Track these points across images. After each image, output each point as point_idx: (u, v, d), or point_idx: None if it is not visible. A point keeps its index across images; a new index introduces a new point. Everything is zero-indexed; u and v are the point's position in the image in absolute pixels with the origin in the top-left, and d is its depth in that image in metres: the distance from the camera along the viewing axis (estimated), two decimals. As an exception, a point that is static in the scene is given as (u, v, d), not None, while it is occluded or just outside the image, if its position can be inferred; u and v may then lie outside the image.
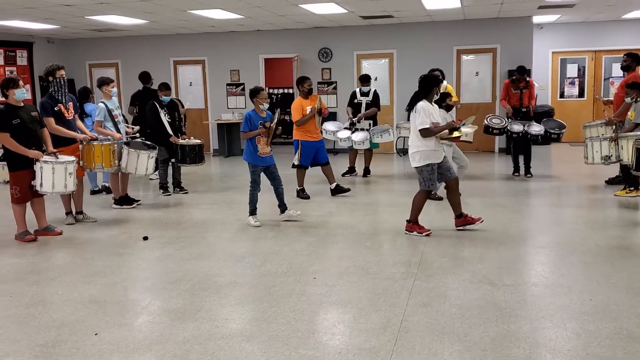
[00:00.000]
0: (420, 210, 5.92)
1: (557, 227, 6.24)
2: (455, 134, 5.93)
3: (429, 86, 5.75)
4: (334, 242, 5.80)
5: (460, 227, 6.00)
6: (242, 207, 6.68)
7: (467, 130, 6.26)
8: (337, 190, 8.07)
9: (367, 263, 5.03)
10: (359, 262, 5.07)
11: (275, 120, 6.38)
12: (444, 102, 6.95)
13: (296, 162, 8.01)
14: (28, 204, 6.15)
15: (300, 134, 7.94)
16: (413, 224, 5.91)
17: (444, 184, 6.11)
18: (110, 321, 3.89)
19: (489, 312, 3.85)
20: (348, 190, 8.10)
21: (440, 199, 7.34)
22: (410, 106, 5.79)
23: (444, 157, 5.86)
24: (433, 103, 5.85)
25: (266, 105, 6.48)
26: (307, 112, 7.87)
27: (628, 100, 7.56)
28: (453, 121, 6.09)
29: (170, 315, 3.98)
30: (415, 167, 5.83)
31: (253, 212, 6.55)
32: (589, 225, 6.27)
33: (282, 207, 6.70)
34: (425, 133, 5.62)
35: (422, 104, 5.68)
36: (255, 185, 6.50)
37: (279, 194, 6.65)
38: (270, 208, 7.02)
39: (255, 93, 6.45)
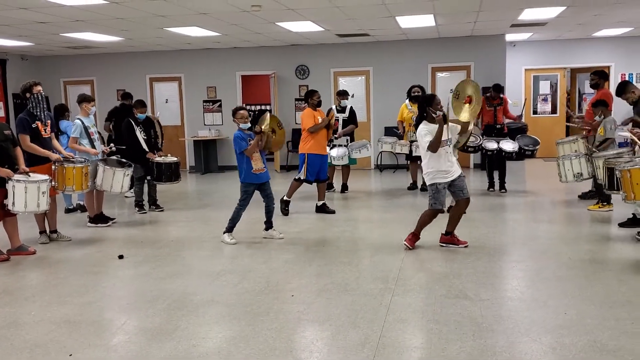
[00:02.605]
0: (424, 226, 5.99)
1: (532, 241, 6.32)
2: (453, 122, 5.79)
3: (422, 108, 5.88)
4: (312, 258, 5.79)
5: (443, 244, 6.04)
6: (219, 224, 6.65)
7: (449, 103, 6.05)
8: (322, 209, 8.06)
9: (345, 280, 5.03)
10: (337, 278, 5.07)
11: (267, 123, 6.26)
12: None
13: (302, 177, 7.93)
14: (0, 223, 6.04)
15: (309, 147, 7.87)
16: (413, 236, 5.98)
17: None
18: (85, 341, 3.83)
19: (465, 327, 3.88)
20: (333, 212, 8.05)
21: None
22: (417, 129, 5.91)
23: (459, 176, 5.89)
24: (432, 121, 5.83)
25: (245, 125, 6.33)
26: (320, 121, 7.88)
27: (597, 118, 7.75)
28: (437, 117, 5.71)
29: (146, 335, 3.93)
30: (427, 185, 5.95)
31: (230, 229, 6.51)
32: (563, 239, 6.36)
33: (268, 225, 6.65)
34: (432, 147, 5.66)
35: (422, 127, 5.79)
36: (243, 204, 6.42)
37: (269, 212, 6.59)
38: (248, 226, 7.00)
39: (233, 113, 6.39)
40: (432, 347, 3.58)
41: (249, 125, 6.39)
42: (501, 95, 9.51)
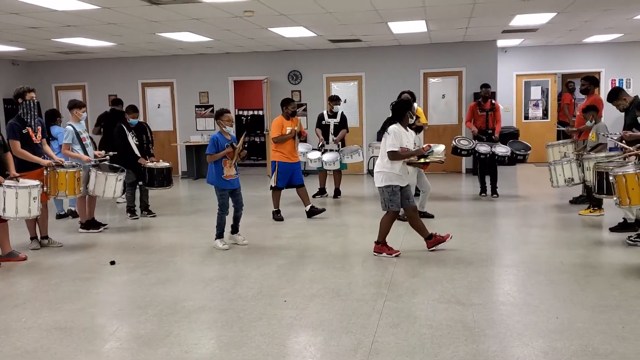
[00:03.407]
0: (388, 231, 5.96)
1: (523, 246, 6.35)
2: (424, 159, 6.03)
3: (402, 110, 5.85)
4: (305, 264, 5.79)
5: (432, 248, 6.06)
6: (211, 230, 6.64)
7: (439, 150, 6.36)
8: (312, 212, 8.09)
9: (338, 285, 5.03)
10: (330, 284, 5.07)
11: (242, 142, 6.34)
12: (413, 124, 7.01)
13: (273, 184, 8.01)
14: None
15: (277, 155, 7.98)
16: (382, 246, 5.95)
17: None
18: (77, 348, 3.80)
19: (458, 332, 3.88)
20: (323, 210, 8.13)
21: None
22: (383, 129, 5.86)
23: (407, 185, 5.93)
24: (407, 128, 5.93)
25: (229, 128, 6.38)
26: (287, 132, 7.92)
27: (588, 124, 7.80)
28: (422, 148, 6.19)
29: (138, 341, 3.91)
30: (378, 187, 5.91)
31: (220, 235, 6.50)
32: (555, 244, 6.39)
33: (234, 229, 6.66)
34: (393, 156, 5.68)
35: (394, 127, 5.77)
36: (224, 209, 6.44)
37: (237, 217, 6.61)
38: (241, 231, 6.98)
39: (219, 115, 6.39)
40: (425, 352, 3.59)
41: (232, 129, 6.42)
42: (493, 102, 9.55)
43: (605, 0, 8.43)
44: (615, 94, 7.40)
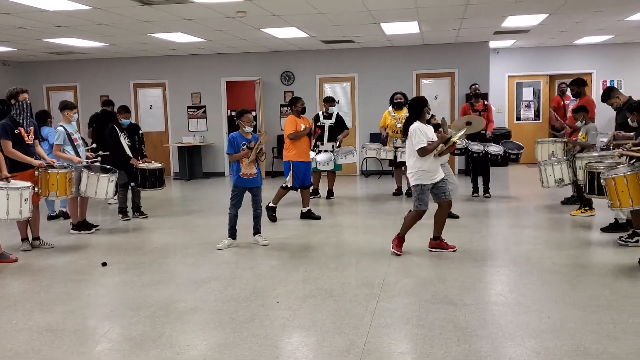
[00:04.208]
0: (409, 228, 6.01)
1: (515, 246, 6.37)
2: (451, 141, 5.99)
3: (419, 107, 5.91)
4: (298, 264, 5.78)
5: (432, 249, 6.08)
6: (204, 231, 6.62)
7: (460, 134, 6.32)
8: (308, 215, 8.09)
9: (331, 285, 5.03)
10: (323, 284, 5.07)
11: (260, 142, 6.40)
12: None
13: (289, 184, 8.00)
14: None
15: (292, 155, 7.97)
16: (399, 240, 5.99)
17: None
18: (68, 350, 3.78)
19: (450, 332, 3.89)
20: (319, 218, 8.10)
21: (457, 217, 7.70)
22: (405, 131, 5.90)
23: (442, 179, 5.97)
24: (425, 123, 5.98)
25: (249, 128, 6.43)
26: (302, 129, 7.94)
27: (579, 124, 7.84)
28: (444, 133, 6.15)
29: (130, 343, 3.89)
30: (411, 186, 5.98)
31: (229, 232, 6.52)
32: (547, 244, 6.41)
33: (255, 230, 6.67)
34: (422, 152, 5.73)
35: (416, 125, 5.83)
36: (233, 204, 6.47)
37: (255, 217, 6.63)
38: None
39: (239, 115, 6.46)
40: (417, 352, 3.59)
41: (251, 129, 6.45)
42: (485, 102, 9.58)
43: (596, 1, 8.48)
44: (607, 94, 7.46)
